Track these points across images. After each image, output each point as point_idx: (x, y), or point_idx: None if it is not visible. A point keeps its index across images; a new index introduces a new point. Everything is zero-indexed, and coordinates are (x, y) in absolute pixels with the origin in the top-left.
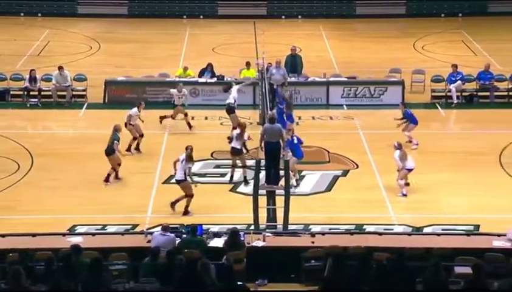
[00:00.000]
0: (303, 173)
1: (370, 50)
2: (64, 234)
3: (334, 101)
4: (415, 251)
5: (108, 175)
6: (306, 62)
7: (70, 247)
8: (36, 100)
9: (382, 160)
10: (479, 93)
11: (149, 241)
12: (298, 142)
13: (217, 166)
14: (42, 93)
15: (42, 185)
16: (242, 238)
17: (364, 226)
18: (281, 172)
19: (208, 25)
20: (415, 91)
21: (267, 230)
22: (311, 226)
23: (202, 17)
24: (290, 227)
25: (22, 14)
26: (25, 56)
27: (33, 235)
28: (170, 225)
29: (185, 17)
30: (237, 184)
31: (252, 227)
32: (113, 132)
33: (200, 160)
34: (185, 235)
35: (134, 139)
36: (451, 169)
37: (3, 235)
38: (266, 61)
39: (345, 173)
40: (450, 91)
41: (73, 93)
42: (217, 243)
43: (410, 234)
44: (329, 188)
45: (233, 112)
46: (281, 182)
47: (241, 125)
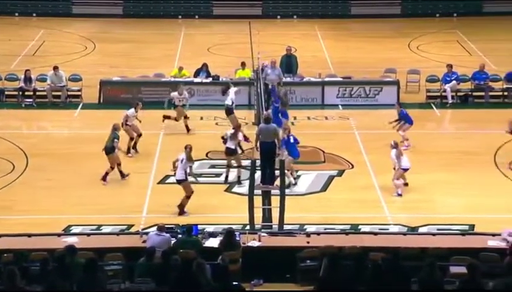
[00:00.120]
0: (299, 173)
1: (365, 50)
2: (59, 234)
3: (329, 101)
4: (410, 251)
5: (106, 174)
6: (301, 63)
7: (64, 248)
8: (31, 100)
9: (378, 160)
10: (474, 93)
11: (144, 241)
12: (295, 142)
13: (213, 166)
14: (37, 93)
15: (37, 186)
16: (238, 238)
17: (359, 226)
18: (276, 172)
19: (203, 25)
20: (410, 91)
21: (263, 230)
22: (306, 226)
23: (197, 17)
24: (286, 227)
25: (17, 14)
26: (20, 56)
27: (28, 236)
28: (165, 226)
29: (180, 17)
30: (232, 184)
31: (248, 227)
32: (112, 131)
33: (195, 160)
34: (180, 235)
35: (131, 139)
36: (446, 169)
37: None
38: (261, 61)
39: (340, 173)
40: (445, 91)
41: (68, 93)
42: (213, 243)
43: (405, 234)
44: (324, 188)
45: (231, 113)
46: (277, 182)
47: (237, 125)
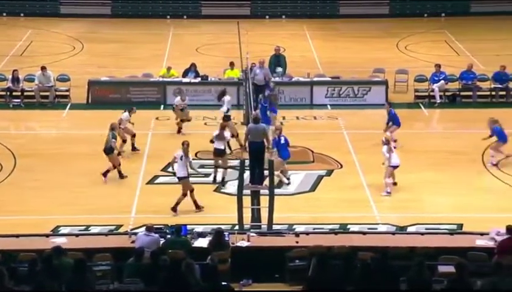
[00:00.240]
0: (288, 173)
1: (354, 50)
2: (47, 235)
3: (318, 101)
4: (399, 250)
5: (107, 171)
6: (289, 62)
7: (51, 249)
8: (18, 101)
9: (366, 159)
10: (462, 93)
11: (133, 242)
12: (286, 143)
13: (202, 167)
14: (25, 93)
15: (25, 186)
16: (227, 238)
17: (348, 226)
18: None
19: (191, 25)
20: (398, 91)
21: (252, 230)
22: (295, 226)
23: (185, 17)
24: (275, 227)
25: (5, 14)
26: (8, 56)
27: (16, 236)
28: (154, 226)
29: (168, 17)
30: (221, 184)
31: (237, 227)
32: (110, 130)
33: None
34: (169, 236)
35: (124, 142)
36: (434, 168)
37: None
38: (249, 61)
39: (329, 172)
40: (433, 91)
41: (56, 93)
42: (202, 243)
43: (394, 233)
44: (313, 188)
45: (229, 120)
46: (266, 182)
47: (221, 124)
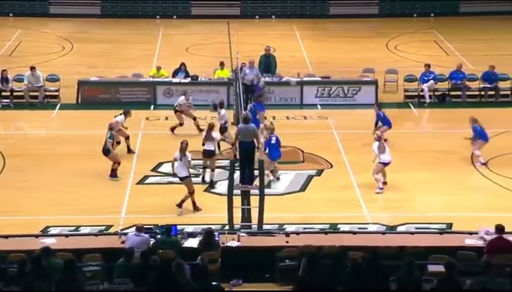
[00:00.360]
0: (278, 172)
1: (344, 50)
2: (37, 235)
3: (308, 101)
4: (389, 250)
5: (113, 170)
6: (280, 62)
7: (40, 250)
8: (8, 101)
9: (356, 159)
10: (451, 93)
11: (123, 242)
12: (277, 143)
13: (192, 167)
14: (14, 94)
15: (15, 186)
16: (217, 238)
17: (338, 225)
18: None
19: (181, 25)
20: (388, 91)
21: (242, 230)
22: (285, 226)
23: (175, 17)
24: (265, 227)
25: None
26: None
27: (6, 237)
28: (144, 226)
29: (158, 17)
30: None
31: (227, 227)
32: (108, 130)
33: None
34: (159, 236)
35: (117, 143)
36: (424, 168)
37: None
38: (239, 61)
39: (319, 172)
40: (422, 91)
41: (46, 93)
42: (192, 243)
43: (384, 233)
44: (303, 187)
45: (226, 131)
46: (256, 182)
47: (209, 124)
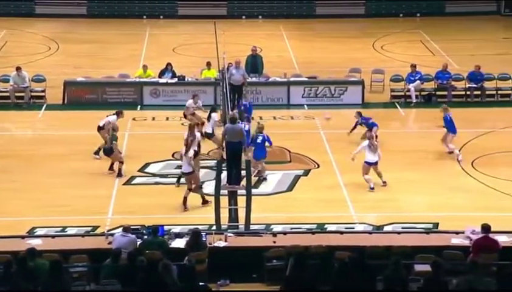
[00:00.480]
0: (265, 172)
1: (330, 50)
2: (23, 236)
3: (295, 101)
4: (376, 249)
5: (119, 170)
6: (266, 63)
7: (25, 251)
8: None
9: (343, 159)
10: (437, 93)
11: (110, 243)
12: (263, 142)
13: (179, 167)
14: (0, 94)
15: (1, 187)
16: (204, 239)
17: (325, 225)
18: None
19: (168, 25)
20: (375, 91)
21: (229, 231)
22: (272, 226)
23: (162, 17)
24: (252, 227)
25: None
26: None
27: None
28: (131, 227)
29: (144, 17)
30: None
31: (214, 228)
32: (111, 131)
33: (161, 161)
34: (146, 236)
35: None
36: (411, 168)
37: None
38: (226, 61)
39: (306, 172)
40: (409, 91)
41: (32, 94)
42: (179, 243)
43: (370, 233)
44: (290, 188)
45: (212, 136)
46: (243, 182)
47: (190, 125)
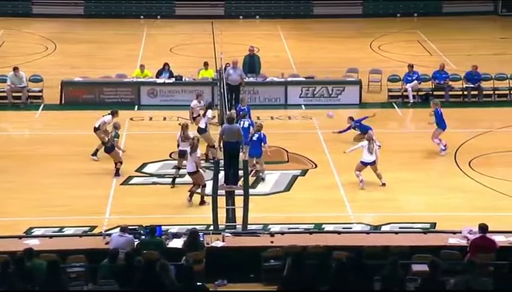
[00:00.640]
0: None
1: (328, 50)
2: (20, 237)
3: (293, 101)
4: (373, 249)
5: (117, 169)
6: (264, 63)
7: (23, 251)
8: None
9: (341, 159)
10: (434, 93)
11: (107, 243)
12: (258, 140)
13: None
14: None
15: None
16: (202, 239)
17: (323, 225)
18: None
19: (165, 25)
20: (372, 91)
21: (227, 231)
22: (270, 226)
23: (159, 17)
24: (250, 227)
25: None
26: None
27: None
28: (128, 227)
29: (142, 17)
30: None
31: (211, 228)
32: (112, 129)
33: (158, 161)
34: (143, 236)
35: (103, 144)
36: (408, 168)
37: None
38: (223, 61)
39: (303, 172)
40: (406, 91)
41: (29, 94)
42: (177, 243)
43: (368, 232)
44: (288, 187)
45: (204, 132)
46: (240, 182)
47: (182, 125)
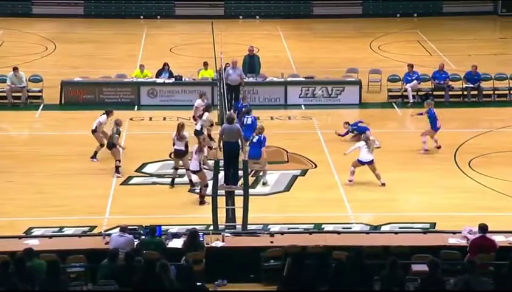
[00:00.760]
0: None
1: (327, 50)
2: (20, 237)
3: (292, 101)
4: (373, 249)
5: (116, 167)
6: (263, 63)
7: (23, 251)
8: None
9: (340, 159)
10: (434, 93)
11: (107, 243)
12: (258, 142)
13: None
14: None
15: None
16: (202, 239)
17: (323, 225)
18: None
19: (165, 25)
20: (372, 91)
21: (226, 231)
22: (270, 226)
23: (159, 17)
24: (250, 227)
25: None
26: None
27: None
28: (128, 227)
29: (142, 17)
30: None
31: (211, 228)
32: (114, 125)
33: (158, 161)
34: (143, 236)
35: (101, 146)
36: (408, 167)
37: None
38: (223, 61)
39: (303, 172)
40: (406, 91)
41: (29, 94)
42: (177, 243)
43: (368, 232)
44: (288, 188)
45: (201, 134)
46: (240, 182)
47: (179, 124)
